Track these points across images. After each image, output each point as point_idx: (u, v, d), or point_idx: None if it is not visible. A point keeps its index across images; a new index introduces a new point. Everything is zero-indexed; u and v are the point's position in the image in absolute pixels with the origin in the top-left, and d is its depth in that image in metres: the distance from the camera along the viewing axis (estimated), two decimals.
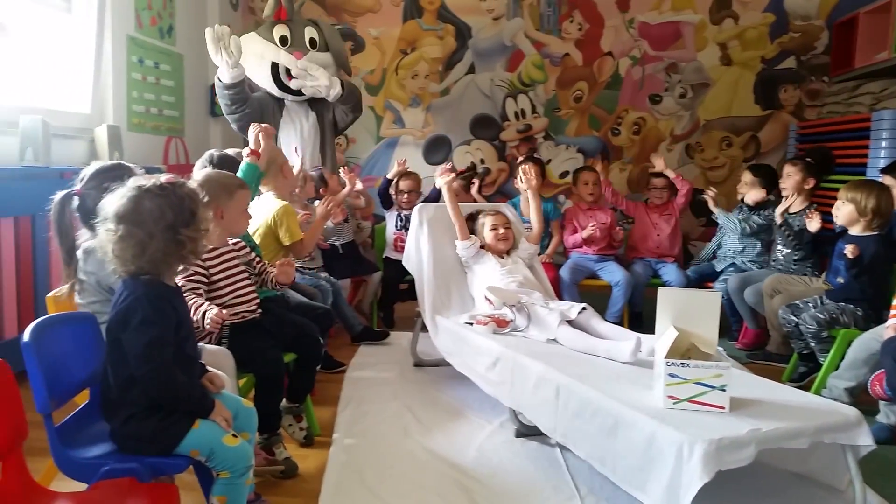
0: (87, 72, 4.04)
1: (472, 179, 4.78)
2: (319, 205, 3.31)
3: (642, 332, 2.67)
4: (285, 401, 2.57)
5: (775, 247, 3.93)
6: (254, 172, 2.80)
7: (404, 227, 4.41)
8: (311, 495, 2.22)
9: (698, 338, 2.15)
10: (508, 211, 3.72)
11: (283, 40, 4.32)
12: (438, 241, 3.50)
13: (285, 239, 3.05)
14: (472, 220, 3.58)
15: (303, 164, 3.72)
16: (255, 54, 4.26)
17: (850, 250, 3.10)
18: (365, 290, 4.45)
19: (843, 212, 3.24)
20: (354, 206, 4.64)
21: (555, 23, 5.56)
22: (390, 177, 4.50)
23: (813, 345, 3.22)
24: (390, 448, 2.58)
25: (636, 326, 3.91)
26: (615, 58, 5.55)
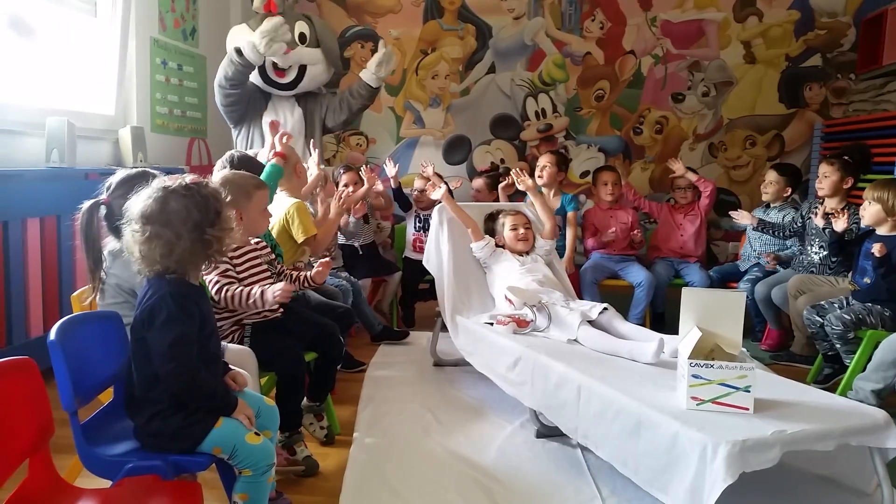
0: (111, 74, 4.10)
1: (499, 178, 4.73)
2: (333, 202, 3.31)
3: (664, 333, 2.65)
4: (306, 399, 2.58)
5: (809, 249, 3.83)
6: (279, 174, 2.83)
7: (423, 227, 4.42)
8: (331, 493, 2.23)
9: (722, 338, 2.12)
10: (528, 211, 3.71)
11: None
12: (458, 242, 3.50)
13: (299, 235, 3.02)
14: (492, 220, 3.57)
15: (319, 161, 3.70)
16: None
17: (877, 249, 3.05)
18: (385, 290, 4.46)
19: (870, 211, 3.19)
20: (375, 206, 4.65)
21: (576, 22, 5.53)
22: (394, 186, 4.50)
23: (838, 346, 3.16)
24: (410, 447, 2.58)
25: (658, 327, 3.88)
26: (637, 56, 5.50)
